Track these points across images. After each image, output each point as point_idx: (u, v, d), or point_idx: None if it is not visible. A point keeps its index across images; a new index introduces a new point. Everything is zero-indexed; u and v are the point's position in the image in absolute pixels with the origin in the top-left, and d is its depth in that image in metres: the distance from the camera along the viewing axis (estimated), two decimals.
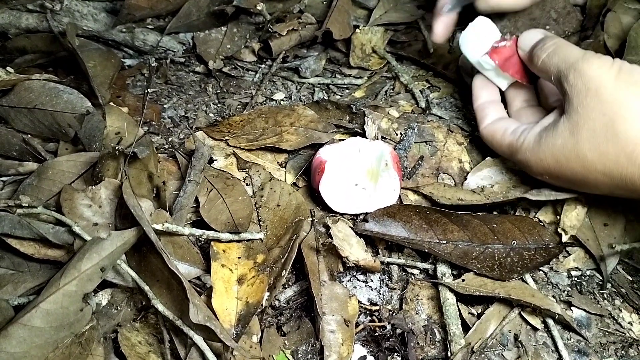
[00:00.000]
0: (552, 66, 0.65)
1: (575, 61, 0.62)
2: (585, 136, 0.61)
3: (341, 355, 0.62)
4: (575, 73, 0.62)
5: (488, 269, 0.65)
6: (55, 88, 0.75)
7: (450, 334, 0.62)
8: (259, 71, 0.94)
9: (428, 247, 0.66)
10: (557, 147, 0.63)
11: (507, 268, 0.65)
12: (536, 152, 0.66)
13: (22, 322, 0.56)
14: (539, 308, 0.62)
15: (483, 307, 0.65)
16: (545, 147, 0.65)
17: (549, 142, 0.64)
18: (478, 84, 0.78)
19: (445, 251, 0.66)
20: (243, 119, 0.84)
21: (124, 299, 0.64)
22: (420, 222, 0.68)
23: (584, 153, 0.61)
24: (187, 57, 0.95)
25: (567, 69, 0.63)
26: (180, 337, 0.60)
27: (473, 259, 0.66)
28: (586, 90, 0.61)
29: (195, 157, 0.73)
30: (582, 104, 0.61)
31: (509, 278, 0.65)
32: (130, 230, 0.61)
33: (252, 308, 0.62)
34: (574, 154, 0.62)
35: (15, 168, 0.74)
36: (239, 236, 0.67)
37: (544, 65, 0.67)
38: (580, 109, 0.61)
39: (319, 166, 0.71)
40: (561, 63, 0.64)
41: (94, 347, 0.59)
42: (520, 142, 0.68)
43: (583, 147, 0.61)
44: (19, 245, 0.64)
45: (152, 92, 0.89)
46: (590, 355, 0.63)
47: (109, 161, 0.69)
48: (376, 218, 0.69)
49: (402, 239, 0.68)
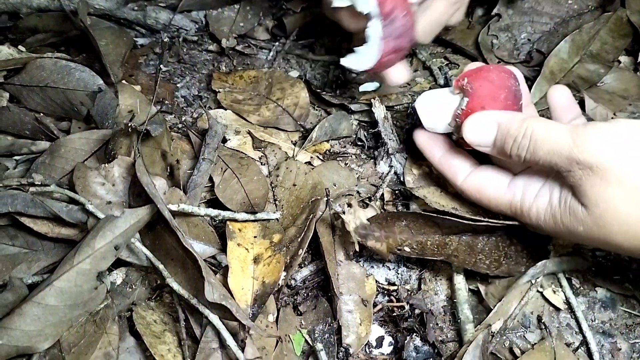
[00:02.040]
0: (542, 161, 0.55)
1: (570, 151, 0.52)
2: (617, 230, 0.52)
3: (359, 335, 0.61)
4: (579, 167, 0.52)
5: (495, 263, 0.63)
6: (67, 66, 0.74)
7: (460, 320, 0.62)
8: (273, 49, 0.92)
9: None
10: (580, 233, 0.55)
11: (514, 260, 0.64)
12: (551, 227, 0.57)
13: (36, 301, 0.55)
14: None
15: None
16: (563, 228, 0.56)
17: (567, 224, 0.55)
18: (424, 138, 0.67)
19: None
20: (257, 75, 0.86)
21: (139, 278, 0.64)
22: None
23: (617, 242, 0.53)
24: (199, 35, 0.93)
25: (564, 163, 0.53)
26: (195, 316, 0.59)
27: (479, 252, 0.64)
28: (604, 183, 0.51)
29: (209, 135, 0.71)
30: (602, 198, 0.51)
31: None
32: (144, 208, 0.60)
33: (269, 287, 0.61)
34: (604, 241, 0.54)
35: (28, 147, 0.73)
36: (255, 216, 0.66)
37: (529, 162, 0.57)
38: (601, 204, 0.52)
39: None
40: (552, 157, 0.54)
41: (108, 326, 0.58)
42: (528, 208, 0.58)
43: (616, 239, 0.53)
44: (32, 224, 0.63)
45: (165, 71, 0.88)
46: (615, 337, 0.61)
47: (121, 139, 0.68)
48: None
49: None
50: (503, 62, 0.87)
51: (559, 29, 0.88)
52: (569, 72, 0.83)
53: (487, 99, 0.60)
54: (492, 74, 0.61)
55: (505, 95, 0.60)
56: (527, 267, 0.63)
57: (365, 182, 0.74)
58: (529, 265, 0.63)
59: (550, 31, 0.88)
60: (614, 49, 0.84)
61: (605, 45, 0.85)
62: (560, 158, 0.53)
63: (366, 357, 0.61)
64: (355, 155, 0.78)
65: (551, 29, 0.89)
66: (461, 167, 0.64)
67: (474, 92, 0.60)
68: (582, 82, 0.82)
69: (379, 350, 0.62)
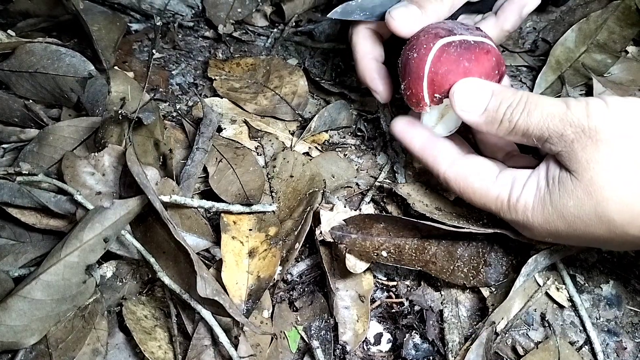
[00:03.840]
0: (533, 126, 0.53)
1: (564, 114, 0.51)
2: (608, 195, 0.50)
3: (356, 332, 0.59)
4: (571, 128, 0.51)
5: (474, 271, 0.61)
6: (57, 51, 0.72)
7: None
8: (271, 36, 0.89)
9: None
10: (570, 210, 0.52)
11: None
12: (540, 215, 0.54)
13: (22, 295, 0.54)
14: None
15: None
16: (552, 210, 0.53)
17: (556, 203, 0.52)
18: (401, 125, 0.63)
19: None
20: (254, 63, 0.84)
21: (129, 272, 0.62)
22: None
23: (609, 216, 0.50)
24: (196, 21, 0.91)
25: (557, 127, 0.51)
26: (187, 311, 0.58)
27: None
28: (595, 143, 0.50)
29: (203, 123, 0.69)
30: (594, 159, 0.50)
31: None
32: (135, 199, 0.58)
33: (264, 282, 0.59)
34: (595, 216, 0.51)
35: (17, 135, 0.71)
36: (251, 208, 0.64)
37: (519, 128, 0.54)
38: (592, 165, 0.50)
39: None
40: (545, 120, 0.52)
41: (97, 321, 0.56)
42: (515, 200, 0.55)
43: (607, 209, 0.50)
44: (19, 214, 0.61)
45: (159, 58, 0.85)
46: (621, 335, 0.59)
47: (112, 126, 0.65)
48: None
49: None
50: (508, 51, 0.84)
51: (565, 18, 0.86)
52: (576, 62, 0.81)
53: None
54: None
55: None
56: (505, 276, 0.61)
57: (365, 173, 0.72)
58: (507, 274, 0.61)
59: (556, 20, 0.86)
60: (622, 39, 0.82)
61: (612, 35, 0.82)
62: (552, 120, 0.51)
63: (364, 354, 0.59)
64: (354, 146, 0.75)
65: (557, 17, 0.86)
66: (445, 154, 0.60)
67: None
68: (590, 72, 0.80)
69: (377, 348, 0.60)
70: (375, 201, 0.69)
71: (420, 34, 0.59)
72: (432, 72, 0.57)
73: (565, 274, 0.62)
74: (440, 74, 0.56)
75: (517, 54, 0.85)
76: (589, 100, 0.52)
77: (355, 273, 0.59)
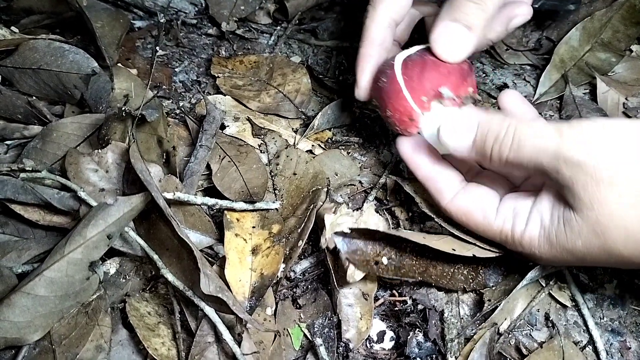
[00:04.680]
0: (527, 162, 0.50)
1: (557, 148, 0.48)
2: (616, 235, 0.48)
3: (360, 330, 0.59)
4: (568, 166, 0.48)
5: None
6: (61, 48, 0.72)
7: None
8: (274, 34, 0.89)
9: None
10: (579, 248, 0.51)
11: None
12: (547, 251, 0.53)
13: (26, 291, 0.53)
14: None
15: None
16: (560, 248, 0.52)
17: (564, 242, 0.51)
18: (407, 147, 0.61)
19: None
20: (258, 60, 0.84)
21: (133, 268, 0.62)
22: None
23: (618, 251, 0.49)
24: (199, 18, 0.90)
25: (551, 163, 0.49)
26: (191, 308, 0.57)
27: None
28: (596, 183, 0.47)
29: (206, 121, 0.69)
30: (597, 199, 0.48)
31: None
32: (138, 195, 0.58)
33: (267, 280, 0.59)
34: (604, 252, 0.50)
35: (20, 131, 0.71)
36: (254, 206, 0.64)
37: (511, 163, 0.52)
38: (596, 206, 0.48)
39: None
40: (538, 156, 0.49)
41: (100, 318, 0.56)
42: (519, 236, 0.54)
43: (616, 246, 0.49)
44: (23, 211, 0.61)
45: (162, 55, 0.85)
46: (625, 335, 0.59)
47: (115, 123, 0.65)
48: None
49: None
50: (512, 50, 0.84)
51: (570, 16, 0.85)
52: (580, 61, 0.81)
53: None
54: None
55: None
56: (504, 277, 0.60)
57: (368, 171, 0.72)
58: (506, 275, 0.61)
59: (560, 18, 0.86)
60: (626, 37, 0.82)
61: (617, 34, 0.82)
62: (546, 156, 0.49)
63: (367, 352, 0.59)
64: (357, 143, 0.75)
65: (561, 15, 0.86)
66: (448, 184, 0.59)
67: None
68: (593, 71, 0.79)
69: (380, 346, 0.60)
70: (379, 199, 0.69)
71: (379, 68, 0.63)
72: (406, 79, 0.58)
73: (568, 273, 0.62)
74: (415, 78, 0.58)
75: (521, 52, 0.85)
76: (584, 126, 0.48)
77: (355, 281, 0.58)
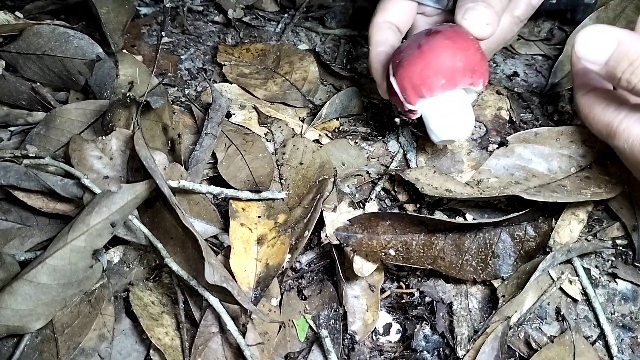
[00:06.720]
0: None
1: None
2: None
3: (366, 322, 0.58)
4: None
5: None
6: (65, 33, 0.71)
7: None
8: (281, 21, 0.88)
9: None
10: None
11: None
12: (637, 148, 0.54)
13: (28, 278, 0.53)
14: None
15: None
16: None
17: None
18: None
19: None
20: (265, 48, 0.83)
21: (137, 257, 0.61)
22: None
23: None
24: (205, 5, 0.89)
25: None
26: (195, 298, 0.57)
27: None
28: None
29: (212, 108, 0.68)
30: None
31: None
32: (142, 183, 0.57)
33: (272, 270, 0.58)
34: None
35: (24, 118, 0.70)
36: (260, 195, 0.63)
37: (637, 92, 0.53)
38: None
39: None
40: None
41: (104, 306, 0.56)
42: (616, 126, 0.56)
43: None
44: (26, 198, 0.60)
45: (168, 42, 0.84)
46: (635, 331, 0.58)
47: (120, 110, 0.64)
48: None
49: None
50: (523, 39, 0.83)
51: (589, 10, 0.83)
52: None
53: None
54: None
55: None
56: (515, 267, 0.60)
57: (376, 161, 0.71)
58: (517, 265, 0.60)
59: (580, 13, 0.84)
60: None
61: (631, 24, 0.80)
62: None
63: (373, 344, 0.58)
64: (365, 133, 0.74)
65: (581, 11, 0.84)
66: (590, 82, 0.61)
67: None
68: None
69: (386, 338, 0.59)
70: (387, 190, 0.68)
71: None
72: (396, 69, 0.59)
73: (580, 266, 0.61)
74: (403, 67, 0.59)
75: (533, 42, 0.83)
76: None
77: (363, 276, 0.58)
